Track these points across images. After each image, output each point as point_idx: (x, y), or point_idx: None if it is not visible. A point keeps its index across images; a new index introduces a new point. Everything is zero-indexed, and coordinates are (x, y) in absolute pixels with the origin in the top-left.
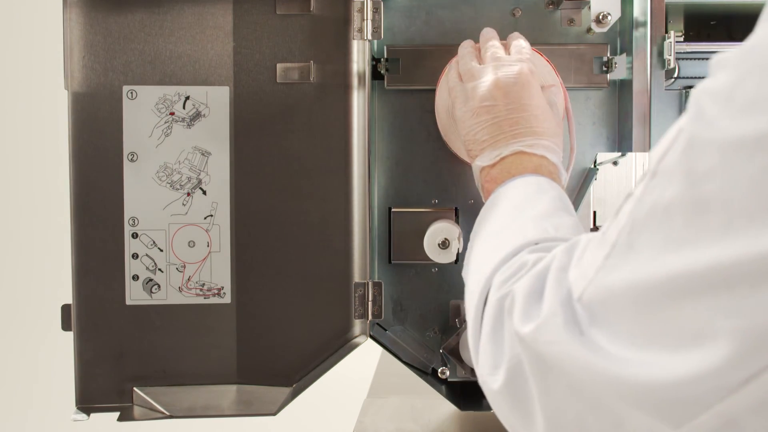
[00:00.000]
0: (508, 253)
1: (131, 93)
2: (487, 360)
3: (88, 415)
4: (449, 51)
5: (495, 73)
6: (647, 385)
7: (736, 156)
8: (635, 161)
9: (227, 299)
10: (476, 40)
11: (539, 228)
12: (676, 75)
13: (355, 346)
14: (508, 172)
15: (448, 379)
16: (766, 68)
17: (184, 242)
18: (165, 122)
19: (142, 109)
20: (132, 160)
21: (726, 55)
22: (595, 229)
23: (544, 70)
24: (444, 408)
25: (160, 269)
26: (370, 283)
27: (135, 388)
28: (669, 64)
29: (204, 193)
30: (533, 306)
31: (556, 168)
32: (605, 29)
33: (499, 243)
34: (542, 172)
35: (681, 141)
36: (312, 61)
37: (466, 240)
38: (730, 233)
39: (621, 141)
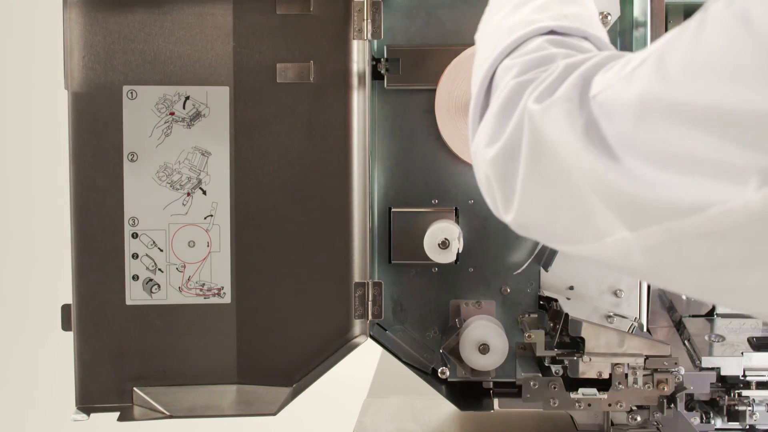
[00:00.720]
0: (523, 34)
1: (131, 93)
2: (487, 131)
3: (88, 415)
4: (449, 51)
5: None
6: (627, 192)
7: None
8: None
9: (227, 299)
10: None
11: (557, 13)
12: None
13: (355, 346)
14: None
15: (448, 379)
16: None
17: (184, 242)
18: (165, 122)
19: (142, 109)
20: (132, 160)
21: None
22: None
23: None
24: (444, 408)
25: (160, 269)
26: (370, 283)
27: (135, 388)
28: None
29: (204, 193)
30: (551, 91)
31: None
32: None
33: (515, 20)
34: None
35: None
36: (312, 61)
37: (467, 240)
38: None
39: None
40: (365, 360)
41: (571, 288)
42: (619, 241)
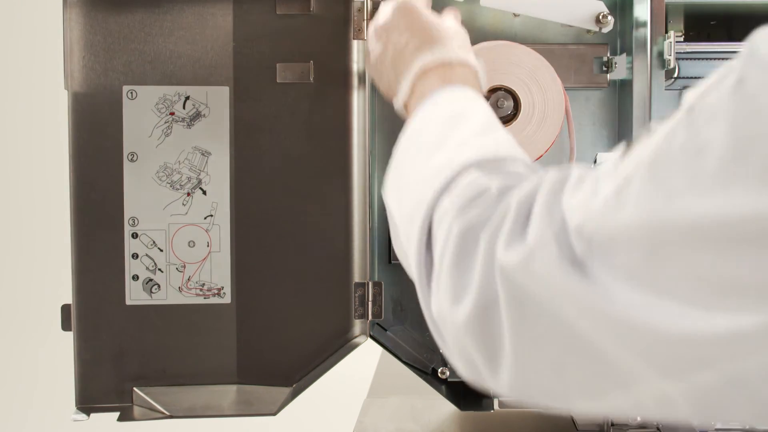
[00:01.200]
0: (448, 176)
1: (131, 93)
2: (447, 289)
3: (88, 415)
4: None
5: (371, 25)
6: (653, 332)
7: None
8: None
9: (227, 299)
10: (476, 41)
11: (479, 145)
12: (676, 75)
13: (355, 346)
14: (422, 94)
15: (448, 379)
16: None
17: (184, 242)
18: (165, 122)
19: (142, 109)
20: (132, 160)
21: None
22: None
23: (545, 71)
24: (444, 408)
25: (160, 269)
26: (370, 283)
27: (135, 388)
28: (669, 64)
29: (204, 193)
30: (517, 235)
31: (473, 69)
32: (605, 29)
33: (435, 164)
34: (460, 81)
35: (730, 79)
36: (312, 61)
37: None
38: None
39: (621, 141)
40: (365, 360)
41: None
42: (654, 390)
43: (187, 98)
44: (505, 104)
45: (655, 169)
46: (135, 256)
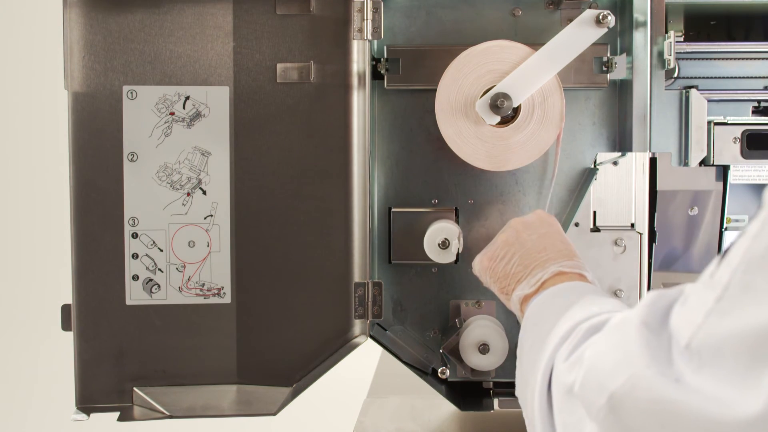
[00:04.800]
0: (562, 336)
1: (131, 93)
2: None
3: (88, 415)
4: (449, 51)
5: (513, 220)
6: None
7: None
8: (635, 161)
9: (227, 299)
10: (476, 41)
11: (586, 309)
12: (676, 75)
13: (355, 346)
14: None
15: (448, 379)
16: None
17: (184, 242)
18: (165, 122)
19: (142, 109)
20: (132, 160)
21: None
22: (596, 229)
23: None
24: (444, 408)
25: (160, 269)
26: (370, 283)
27: (135, 388)
28: (669, 64)
29: (204, 193)
30: (616, 360)
31: (589, 281)
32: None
33: (551, 336)
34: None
35: None
36: (312, 61)
37: (466, 240)
38: None
39: (621, 141)
40: (365, 360)
41: None
42: None
43: (187, 98)
44: (505, 104)
45: (749, 274)
46: (135, 256)
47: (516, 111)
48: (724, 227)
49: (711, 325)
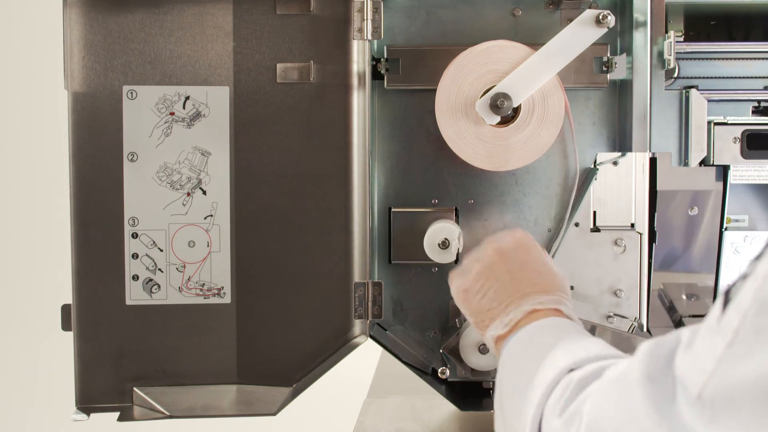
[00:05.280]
0: (548, 385)
1: (131, 93)
2: None
3: (88, 415)
4: (449, 51)
5: (490, 244)
6: None
7: None
8: (635, 161)
9: (227, 299)
10: (476, 41)
11: (569, 353)
12: (676, 75)
13: (355, 346)
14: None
15: (448, 379)
16: None
17: (184, 242)
18: (165, 122)
19: (142, 109)
20: (132, 160)
21: None
22: (596, 229)
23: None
24: (444, 408)
25: (160, 269)
26: (370, 283)
27: (135, 388)
28: (669, 64)
29: (204, 193)
30: (621, 420)
31: (568, 315)
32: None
33: (534, 383)
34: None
35: None
36: (312, 61)
37: (466, 240)
38: None
39: (621, 141)
40: (365, 360)
41: (571, 288)
42: None
43: (187, 98)
44: (505, 104)
45: (762, 317)
46: (135, 256)
47: (516, 111)
48: (724, 227)
49: (723, 373)
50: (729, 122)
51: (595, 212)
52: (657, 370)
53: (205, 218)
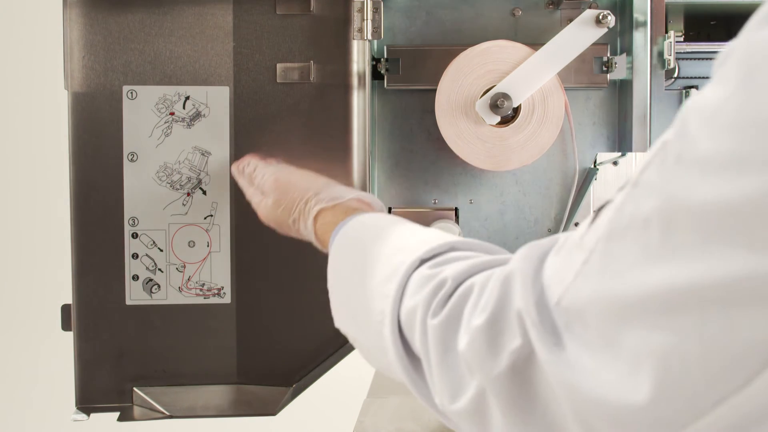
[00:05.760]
0: (400, 279)
1: (131, 93)
2: (444, 389)
3: (88, 415)
4: (449, 51)
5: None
6: (615, 405)
7: (716, 177)
8: (635, 161)
9: (227, 299)
10: (476, 41)
11: (415, 245)
12: (676, 75)
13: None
14: (344, 214)
15: None
16: (749, 86)
17: (184, 242)
18: (165, 122)
19: (142, 109)
20: (132, 160)
21: (717, 61)
22: None
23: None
24: None
25: (160, 269)
26: None
27: (135, 388)
28: (669, 64)
29: (204, 193)
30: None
31: (365, 202)
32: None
33: (381, 276)
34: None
35: (663, 154)
36: (312, 61)
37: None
38: (705, 254)
39: (621, 141)
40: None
41: None
42: None
43: (187, 98)
44: (505, 104)
45: (610, 242)
46: (135, 256)
47: (516, 111)
48: None
49: (577, 287)
50: None
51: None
52: (531, 270)
53: (205, 218)
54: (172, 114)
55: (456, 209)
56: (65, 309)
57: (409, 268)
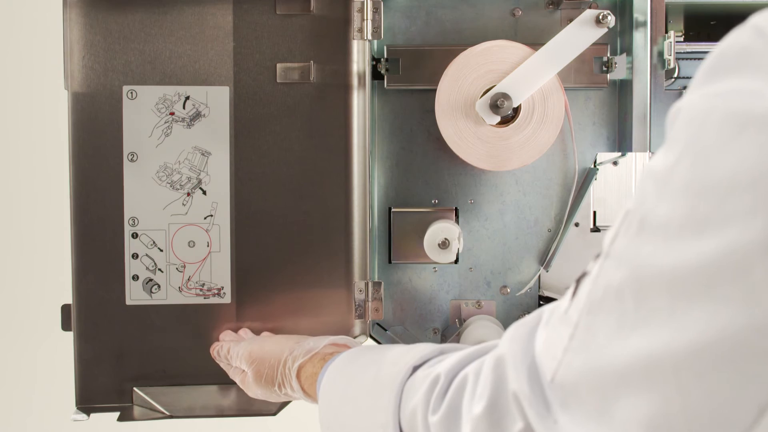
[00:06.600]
0: (396, 388)
1: (131, 93)
2: None
3: (88, 415)
4: (449, 51)
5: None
6: None
7: (677, 241)
8: (635, 161)
9: (227, 299)
10: (476, 41)
11: (407, 353)
12: (676, 75)
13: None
14: (322, 361)
15: None
16: (695, 148)
17: (184, 242)
18: (165, 122)
19: (142, 109)
20: (132, 160)
21: (668, 121)
22: (596, 229)
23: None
24: None
25: (160, 269)
26: (370, 283)
27: (135, 388)
28: (669, 64)
29: (204, 193)
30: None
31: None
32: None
33: (377, 387)
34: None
35: (627, 223)
36: (312, 61)
37: (466, 240)
38: (675, 318)
39: (621, 141)
40: None
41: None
42: None
43: (187, 98)
44: (505, 104)
45: (590, 315)
46: (135, 256)
47: (516, 111)
48: None
49: (568, 362)
50: None
51: (595, 212)
52: (521, 350)
53: (205, 218)
54: (172, 114)
55: (456, 209)
56: (65, 309)
57: (404, 376)
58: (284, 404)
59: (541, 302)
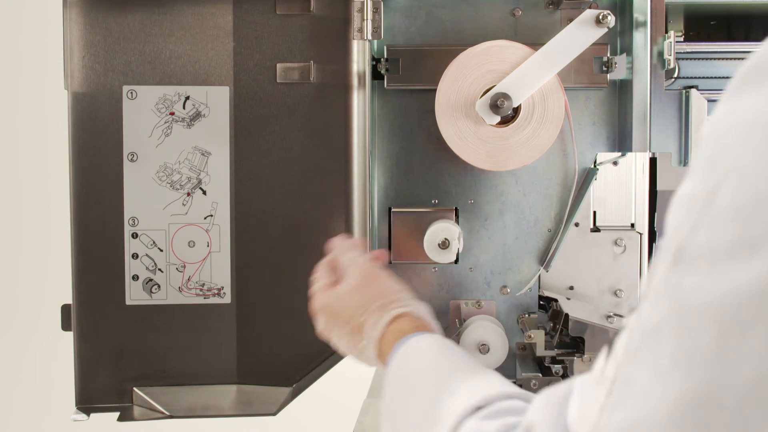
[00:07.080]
0: (453, 424)
1: (131, 93)
2: None
3: (88, 415)
4: (449, 51)
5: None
6: None
7: (724, 266)
8: (635, 161)
9: (227, 299)
10: (476, 41)
11: (473, 390)
12: (676, 75)
13: None
14: (401, 332)
15: None
16: (739, 169)
17: (184, 242)
18: (165, 122)
19: (142, 109)
20: (132, 160)
21: (697, 155)
22: (596, 229)
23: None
24: None
25: (160, 269)
26: None
27: (135, 388)
28: (669, 64)
29: (204, 193)
30: None
31: (430, 324)
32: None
33: (435, 415)
34: (426, 330)
35: (661, 260)
36: (312, 61)
37: (466, 240)
38: (723, 353)
39: (621, 141)
40: None
41: (571, 288)
42: None
43: (187, 98)
44: (505, 104)
45: (628, 365)
46: (135, 256)
47: (516, 111)
48: None
49: (605, 422)
50: None
51: (595, 212)
52: (552, 419)
53: (205, 218)
54: (172, 114)
55: (456, 209)
56: (65, 309)
57: (461, 418)
58: (284, 404)
59: (541, 302)
